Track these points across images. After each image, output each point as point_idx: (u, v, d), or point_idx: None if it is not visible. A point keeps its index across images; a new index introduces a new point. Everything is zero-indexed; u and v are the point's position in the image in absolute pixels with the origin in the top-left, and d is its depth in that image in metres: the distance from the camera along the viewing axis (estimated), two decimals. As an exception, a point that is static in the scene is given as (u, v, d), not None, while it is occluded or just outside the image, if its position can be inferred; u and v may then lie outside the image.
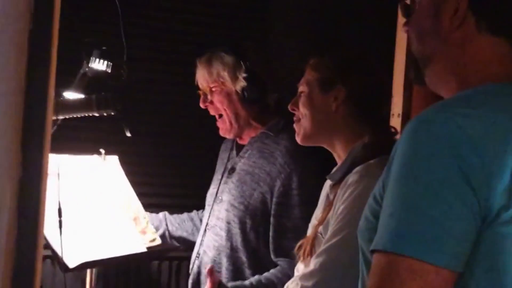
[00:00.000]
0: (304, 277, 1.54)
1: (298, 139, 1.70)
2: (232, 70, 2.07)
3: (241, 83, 2.06)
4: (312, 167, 1.97)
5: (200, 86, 2.16)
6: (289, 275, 1.83)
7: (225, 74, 2.07)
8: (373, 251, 0.92)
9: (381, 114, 1.73)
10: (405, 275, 0.86)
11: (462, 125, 0.89)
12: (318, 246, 1.57)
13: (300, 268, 1.68)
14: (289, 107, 1.74)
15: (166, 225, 2.26)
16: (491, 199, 0.87)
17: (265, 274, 1.96)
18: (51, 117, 0.86)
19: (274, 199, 1.98)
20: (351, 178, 1.55)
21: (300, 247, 1.64)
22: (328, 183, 1.73)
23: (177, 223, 2.28)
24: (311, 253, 1.58)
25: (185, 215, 2.33)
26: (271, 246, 1.98)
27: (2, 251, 0.85)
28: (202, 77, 2.13)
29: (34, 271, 0.86)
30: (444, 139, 0.89)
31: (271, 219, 1.98)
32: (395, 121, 1.86)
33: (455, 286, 0.89)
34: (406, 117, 1.84)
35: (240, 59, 2.06)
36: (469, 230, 0.88)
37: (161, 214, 2.29)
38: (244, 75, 2.05)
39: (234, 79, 2.07)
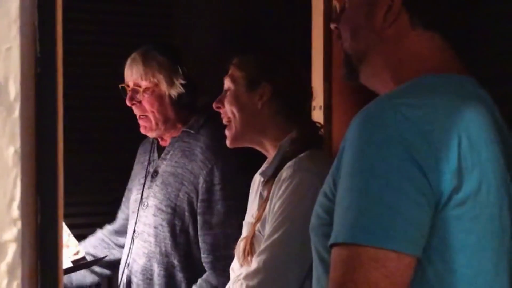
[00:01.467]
0: (248, 276, 1.53)
1: (228, 142, 1.69)
2: (168, 73, 1.99)
3: (178, 89, 1.99)
4: (234, 161, 1.95)
5: (128, 80, 2.02)
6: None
7: (160, 77, 1.98)
8: (331, 246, 0.93)
9: (306, 108, 1.76)
10: (368, 264, 0.88)
11: (408, 114, 0.92)
12: (258, 245, 1.56)
13: (235, 268, 1.66)
14: (214, 105, 1.73)
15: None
16: (442, 183, 0.91)
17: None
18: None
19: (199, 197, 1.95)
20: (285, 173, 1.57)
21: (239, 247, 1.63)
22: (257, 179, 1.74)
23: (91, 249, 2.16)
24: (251, 252, 1.57)
25: (92, 239, 2.19)
26: (200, 244, 1.95)
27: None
28: (136, 73, 2.00)
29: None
30: (392, 128, 0.92)
31: (198, 217, 1.95)
32: (317, 114, 1.87)
33: (415, 273, 0.91)
34: (328, 109, 1.86)
35: (177, 63, 1.98)
36: (425, 216, 0.91)
37: None
38: (182, 82, 1.99)
39: (170, 83, 1.99)
